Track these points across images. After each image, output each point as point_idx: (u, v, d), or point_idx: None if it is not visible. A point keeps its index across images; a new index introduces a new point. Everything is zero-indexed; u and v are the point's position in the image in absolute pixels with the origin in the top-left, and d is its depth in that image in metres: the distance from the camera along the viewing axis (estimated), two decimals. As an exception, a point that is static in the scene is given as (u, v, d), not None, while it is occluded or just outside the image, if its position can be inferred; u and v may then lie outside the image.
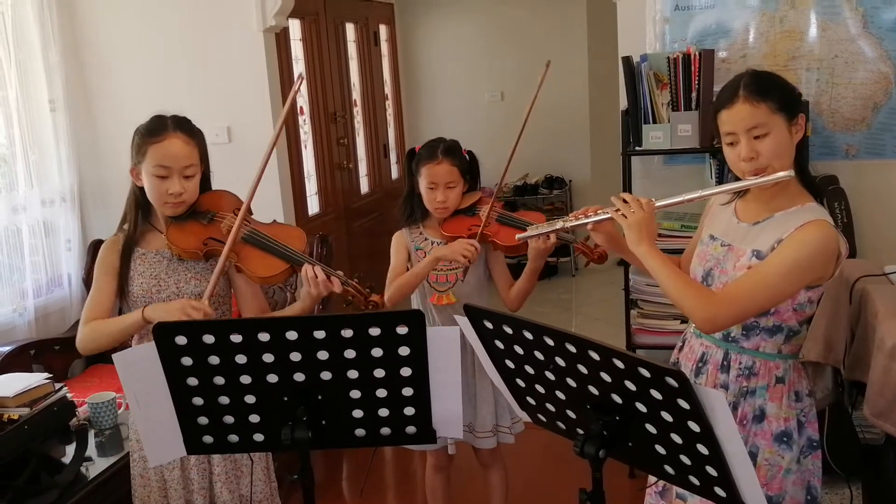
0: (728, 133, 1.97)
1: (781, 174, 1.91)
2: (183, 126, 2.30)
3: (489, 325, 1.74)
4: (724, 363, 2.05)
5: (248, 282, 2.37)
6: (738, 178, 2.02)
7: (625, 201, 2.07)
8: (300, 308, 2.32)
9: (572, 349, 1.58)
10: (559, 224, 2.29)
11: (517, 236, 2.46)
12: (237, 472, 2.41)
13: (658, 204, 2.08)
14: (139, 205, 2.35)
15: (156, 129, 2.27)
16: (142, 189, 2.32)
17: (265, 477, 2.47)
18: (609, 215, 2.11)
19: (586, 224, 2.19)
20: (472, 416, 2.79)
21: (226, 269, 2.30)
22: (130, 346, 2.40)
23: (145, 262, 2.33)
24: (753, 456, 2.00)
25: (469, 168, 2.77)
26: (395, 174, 6.88)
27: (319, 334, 1.71)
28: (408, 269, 2.80)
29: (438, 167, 2.69)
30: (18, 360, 3.62)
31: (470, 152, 2.80)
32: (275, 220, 2.44)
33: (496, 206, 2.72)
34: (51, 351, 3.84)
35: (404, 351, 1.73)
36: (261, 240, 2.30)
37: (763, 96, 1.92)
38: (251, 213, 2.39)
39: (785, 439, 2.00)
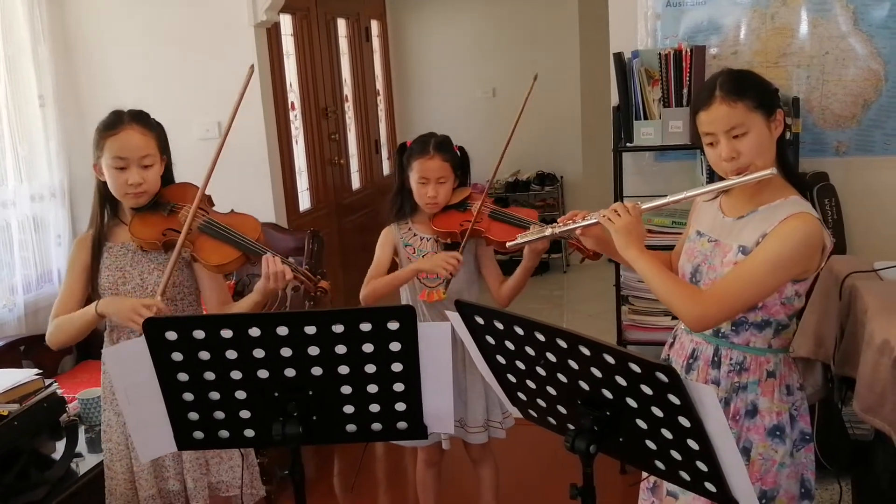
0: (707, 133, 1.99)
1: (764, 173, 1.92)
2: (139, 119, 2.35)
3: (480, 320, 1.74)
4: (715, 359, 2.06)
5: (211, 274, 2.40)
6: (721, 177, 2.03)
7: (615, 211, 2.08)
8: (252, 301, 2.32)
9: (563, 345, 1.58)
10: (548, 231, 2.30)
11: (508, 244, 2.46)
12: (205, 461, 2.43)
13: (644, 207, 2.09)
14: (104, 200, 2.40)
15: (112, 122, 2.33)
16: (105, 184, 2.36)
17: (255, 481, 2.51)
18: (596, 220, 2.13)
19: (574, 229, 2.20)
20: (462, 412, 2.79)
21: (183, 258, 2.34)
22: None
23: (112, 255, 2.38)
24: (747, 451, 2.01)
25: (460, 163, 2.77)
26: (386, 170, 6.87)
27: (310, 330, 1.71)
28: (395, 264, 2.80)
29: (430, 162, 2.69)
30: (8, 355, 3.61)
31: (461, 147, 2.80)
32: (232, 210, 2.45)
33: (487, 202, 2.72)
34: (41, 346, 3.81)
35: (395, 346, 1.73)
36: (216, 229, 2.33)
37: (739, 95, 1.93)
38: (212, 204, 2.43)
39: (778, 433, 2.01)
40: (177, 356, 1.75)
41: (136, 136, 2.30)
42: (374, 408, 1.81)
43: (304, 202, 5.36)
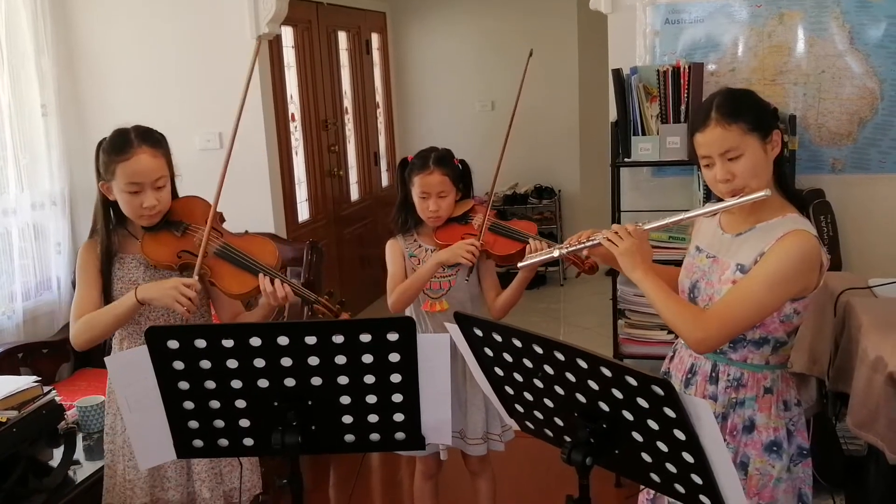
0: (703, 156, 2.01)
1: (758, 195, 1.94)
2: (147, 138, 2.31)
3: (479, 332, 1.75)
4: (713, 375, 2.08)
5: None
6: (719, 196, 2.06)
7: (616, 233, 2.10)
8: (258, 315, 2.37)
9: (560, 357, 1.60)
10: (556, 252, 2.33)
11: (519, 265, 2.49)
12: (219, 471, 2.45)
13: (646, 228, 2.11)
14: (108, 215, 2.38)
15: (121, 145, 2.28)
16: (107, 199, 2.34)
17: (253, 476, 2.51)
18: (599, 241, 2.14)
19: (581, 250, 2.22)
20: (462, 423, 2.80)
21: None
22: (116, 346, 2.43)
23: (124, 266, 2.37)
24: (744, 466, 2.03)
25: (461, 177, 2.80)
26: (385, 182, 6.90)
27: (311, 340, 1.72)
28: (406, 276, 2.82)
29: (430, 177, 2.71)
30: (6, 363, 3.61)
31: (462, 161, 2.82)
32: (246, 231, 2.45)
33: (490, 216, 2.75)
34: (39, 354, 3.84)
35: (395, 357, 1.75)
36: (233, 255, 2.33)
37: (734, 118, 1.94)
38: (223, 221, 2.43)
39: (775, 448, 2.03)
40: (178, 365, 1.76)
41: (147, 160, 2.27)
42: (373, 418, 1.82)
43: (303, 213, 5.38)
